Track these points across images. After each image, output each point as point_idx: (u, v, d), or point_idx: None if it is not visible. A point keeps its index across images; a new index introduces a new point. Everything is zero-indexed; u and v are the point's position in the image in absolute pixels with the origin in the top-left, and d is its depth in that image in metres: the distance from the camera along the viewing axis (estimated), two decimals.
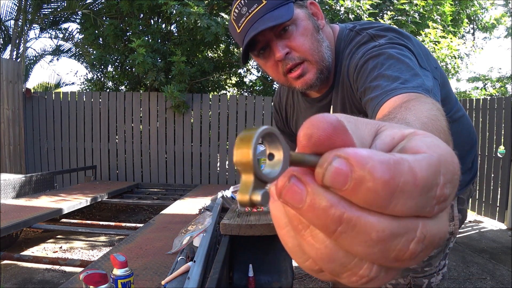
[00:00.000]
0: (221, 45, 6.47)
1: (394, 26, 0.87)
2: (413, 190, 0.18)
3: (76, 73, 15.02)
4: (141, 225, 2.94)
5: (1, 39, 6.46)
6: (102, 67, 6.25)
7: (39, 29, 6.54)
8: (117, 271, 1.06)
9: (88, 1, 5.97)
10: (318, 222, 0.18)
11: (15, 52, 5.94)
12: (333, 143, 0.19)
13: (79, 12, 5.95)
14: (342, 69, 0.89)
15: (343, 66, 0.89)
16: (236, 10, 0.85)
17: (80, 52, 6.92)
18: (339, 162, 0.18)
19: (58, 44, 7.00)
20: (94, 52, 5.98)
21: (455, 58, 5.39)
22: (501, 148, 4.61)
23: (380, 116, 0.61)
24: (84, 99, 5.41)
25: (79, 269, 2.34)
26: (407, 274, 1.06)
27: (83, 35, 6.31)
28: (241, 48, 0.88)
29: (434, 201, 0.19)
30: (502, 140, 4.60)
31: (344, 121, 0.21)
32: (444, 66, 5.41)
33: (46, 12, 6.16)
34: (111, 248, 3.04)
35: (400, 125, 0.24)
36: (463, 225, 4.55)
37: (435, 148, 0.20)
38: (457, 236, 4.16)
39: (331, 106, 0.98)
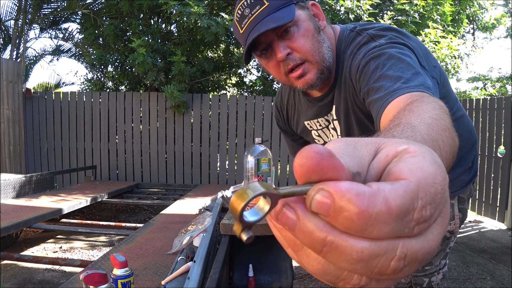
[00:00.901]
0: (221, 45, 6.47)
1: (394, 26, 0.88)
2: (387, 218, 0.20)
3: (76, 73, 15.04)
4: (141, 225, 2.94)
5: (1, 39, 6.46)
6: (102, 67, 6.25)
7: (39, 29, 6.54)
8: (117, 271, 1.06)
9: (88, 1, 5.97)
10: (307, 243, 0.22)
11: (15, 52, 5.94)
12: (322, 168, 0.21)
13: (79, 12, 5.95)
14: (344, 69, 0.90)
15: (344, 66, 0.90)
16: (239, 11, 0.86)
17: (80, 52, 6.92)
18: (322, 194, 0.21)
19: (58, 44, 7.01)
20: (94, 52, 5.97)
21: (455, 58, 5.39)
22: (501, 148, 4.61)
23: (385, 121, 0.62)
24: (84, 99, 5.41)
25: (79, 269, 2.34)
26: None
27: (83, 35, 6.31)
28: (242, 48, 0.91)
29: (412, 224, 0.21)
30: (502, 140, 4.60)
31: (338, 146, 0.24)
32: (444, 66, 5.41)
33: (46, 12, 6.15)
34: (111, 248, 3.04)
35: (398, 140, 0.26)
36: (463, 225, 4.55)
37: (417, 172, 0.21)
38: (457, 236, 4.16)
39: (334, 106, 0.98)
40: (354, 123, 0.95)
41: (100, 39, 5.80)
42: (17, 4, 5.92)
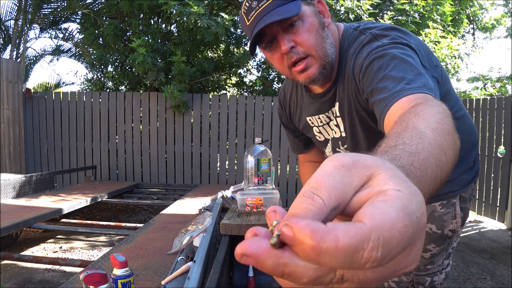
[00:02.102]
0: (221, 45, 6.47)
1: (397, 25, 0.89)
2: (335, 252, 0.23)
3: (76, 73, 15.04)
4: (141, 225, 2.94)
5: (1, 39, 6.46)
6: (102, 67, 6.25)
7: (39, 29, 6.54)
8: (117, 271, 1.06)
9: (88, 1, 5.97)
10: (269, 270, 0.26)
11: (15, 52, 5.94)
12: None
13: (79, 12, 5.95)
14: (347, 67, 0.91)
15: (348, 64, 0.91)
16: (247, 4, 0.88)
17: (80, 52, 6.92)
18: (286, 228, 0.25)
19: (58, 44, 7.00)
20: (94, 52, 5.98)
21: (455, 58, 5.39)
22: (501, 148, 4.61)
23: (390, 122, 0.64)
24: (84, 99, 5.42)
25: (79, 269, 2.34)
26: (410, 272, 1.06)
27: (83, 35, 6.31)
28: (248, 41, 0.92)
29: (363, 261, 0.23)
30: (502, 140, 4.60)
31: (327, 173, 0.27)
32: (444, 66, 5.40)
33: (46, 12, 6.15)
34: (111, 248, 3.04)
35: (393, 172, 0.28)
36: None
37: (376, 217, 0.24)
38: None
39: (337, 103, 0.99)
40: (357, 121, 0.96)
41: (100, 39, 5.80)
42: (17, 4, 5.92)
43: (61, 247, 3.50)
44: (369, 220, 0.24)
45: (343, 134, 1.02)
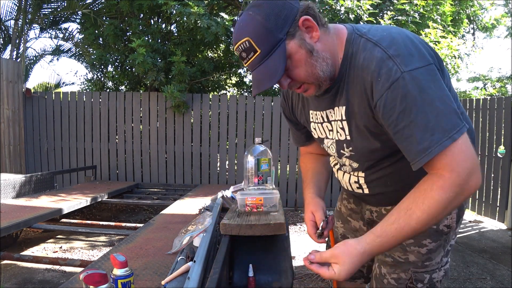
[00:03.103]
0: (221, 45, 6.48)
1: (403, 30, 0.94)
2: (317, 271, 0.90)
3: (76, 73, 15.01)
4: (141, 225, 2.94)
5: (1, 39, 6.47)
6: (102, 67, 6.25)
7: (39, 29, 6.55)
8: (117, 271, 1.06)
9: (88, 1, 5.98)
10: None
11: (15, 52, 5.95)
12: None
13: (79, 12, 5.96)
14: (356, 76, 0.94)
15: (356, 73, 0.94)
16: (238, 51, 0.94)
17: (80, 52, 6.92)
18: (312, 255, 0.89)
19: (58, 44, 7.01)
20: (94, 52, 5.98)
21: (455, 58, 5.39)
22: (501, 148, 4.61)
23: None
24: (84, 99, 5.42)
25: (79, 269, 2.34)
26: (408, 269, 1.10)
27: (83, 35, 6.31)
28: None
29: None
30: (502, 140, 4.60)
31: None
32: (445, 66, 5.40)
33: (46, 12, 6.16)
34: (111, 248, 3.04)
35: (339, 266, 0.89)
36: (463, 225, 4.53)
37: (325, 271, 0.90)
38: (457, 236, 4.15)
39: (348, 103, 0.99)
40: (363, 128, 0.99)
41: (100, 39, 5.80)
42: (17, 4, 5.92)
43: (61, 247, 3.50)
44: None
45: (348, 138, 1.04)
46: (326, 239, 1.19)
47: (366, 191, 1.13)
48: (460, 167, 0.81)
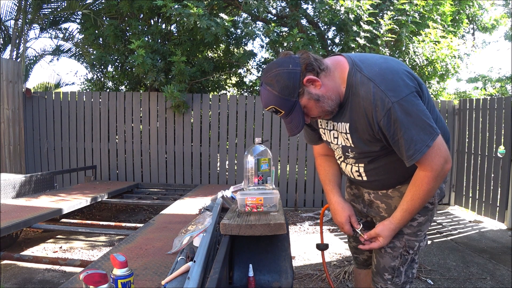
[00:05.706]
0: (221, 45, 6.47)
1: (390, 63, 1.26)
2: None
3: (76, 73, 14.97)
4: (141, 225, 2.94)
5: (1, 39, 6.46)
6: (102, 67, 6.24)
7: (39, 29, 6.54)
8: (117, 271, 1.06)
9: (88, 1, 5.97)
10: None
11: (15, 52, 5.94)
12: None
13: (79, 12, 5.95)
14: (357, 102, 1.23)
15: (357, 100, 1.22)
16: (269, 110, 1.28)
17: (80, 52, 6.92)
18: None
19: (58, 44, 7.00)
20: (94, 52, 5.97)
21: (455, 58, 5.39)
22: (501, 148, 4.60)
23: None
24: (84, 99, 5.42)
25: (79, 269, 2.35)
26: (402, 237, 1.39)
27: (83, 35, 6.31)
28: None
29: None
30: (502, 140, 4.60)
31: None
32: (444, 66, 5.41)
33: (46, 12, 6.16)
34: (111, 248, 3.04)
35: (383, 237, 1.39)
36: (462, 225, 4.53)
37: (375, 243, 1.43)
38: (457, 236, 4.14)
39: (351, 120, 1.28)
40: (363, 139, 1.31)
41: (100, 39, 5.79)
42: (17, 4, 5.92)
43: (61, 247, 3.50)
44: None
45: (352, 145, 1.34)
46: (354, 233, 1.51)
47: (365, 178, 1.42)
48: (436, 165, 1.21)
